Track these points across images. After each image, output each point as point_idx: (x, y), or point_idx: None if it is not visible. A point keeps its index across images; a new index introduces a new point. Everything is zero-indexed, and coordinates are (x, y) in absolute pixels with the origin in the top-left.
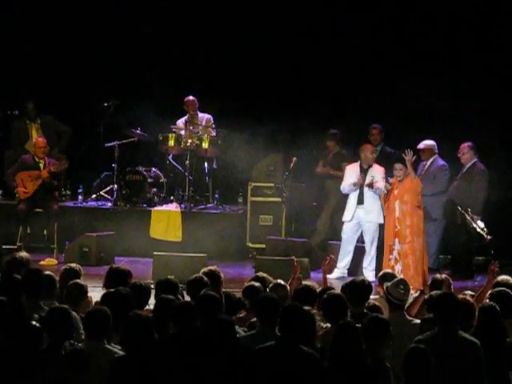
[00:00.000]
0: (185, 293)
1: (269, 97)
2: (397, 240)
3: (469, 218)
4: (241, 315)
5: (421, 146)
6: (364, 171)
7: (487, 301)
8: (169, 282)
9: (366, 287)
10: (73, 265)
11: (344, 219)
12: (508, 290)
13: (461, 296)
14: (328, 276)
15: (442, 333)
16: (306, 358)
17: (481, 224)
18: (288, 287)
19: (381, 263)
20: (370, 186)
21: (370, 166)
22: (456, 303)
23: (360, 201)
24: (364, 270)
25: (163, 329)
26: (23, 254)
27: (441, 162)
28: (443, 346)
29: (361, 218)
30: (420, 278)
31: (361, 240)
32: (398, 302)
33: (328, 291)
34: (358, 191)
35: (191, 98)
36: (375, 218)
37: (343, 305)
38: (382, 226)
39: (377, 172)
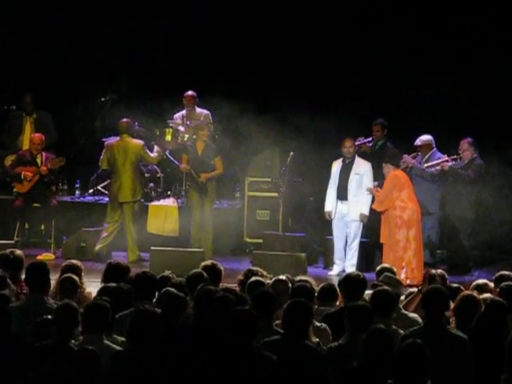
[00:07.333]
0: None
1: (267, 91)
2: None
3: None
4: None
5: (418, 142)
6: (346, 166)
7: (492, 296)
8: (146, 276)
9: (360, 281)
10: (73, 261)
11: (331, 217)
12: None
13: (467, 292)
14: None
15: (427, 328)
16: (311, 353)
17: None
18: (289, 283)
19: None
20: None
21: (353, 161)
22: (443, 297)
23: (344, 197)
24: (345, 264)
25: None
26: None
27: (439, 155)
28: (428, 341)
29: (344, 214)
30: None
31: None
32: None
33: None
34: (338, 185)
35: (190, 92)
36: (359, 216)
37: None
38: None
39: (363, 168)
